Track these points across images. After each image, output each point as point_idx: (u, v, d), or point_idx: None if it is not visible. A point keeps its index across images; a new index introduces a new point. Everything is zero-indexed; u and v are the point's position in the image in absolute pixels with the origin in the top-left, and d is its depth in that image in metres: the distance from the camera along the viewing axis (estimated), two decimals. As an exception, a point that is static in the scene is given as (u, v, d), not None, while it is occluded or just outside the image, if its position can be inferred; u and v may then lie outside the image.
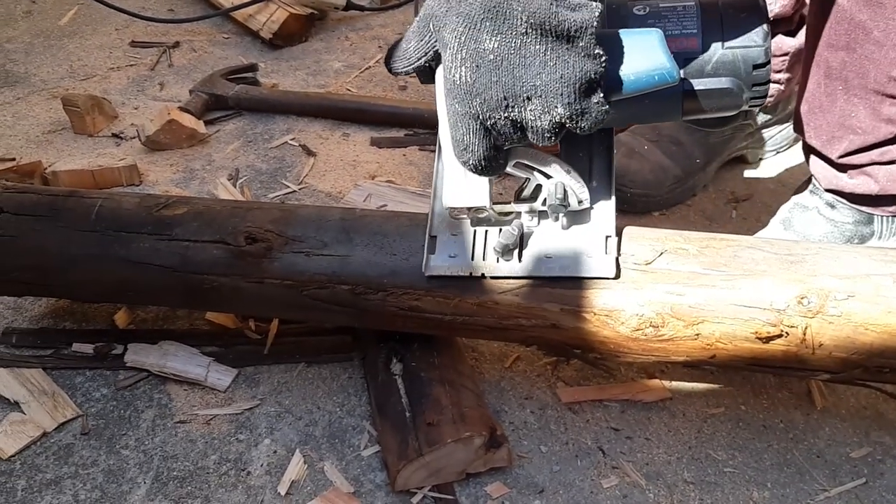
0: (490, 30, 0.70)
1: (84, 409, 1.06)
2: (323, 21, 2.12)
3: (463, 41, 0.70)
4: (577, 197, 0.87)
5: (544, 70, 0.70)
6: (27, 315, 1.20)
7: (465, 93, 0.72)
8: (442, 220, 0.93)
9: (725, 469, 0.98)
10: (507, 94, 0.71)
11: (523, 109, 0.72)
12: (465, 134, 0.75)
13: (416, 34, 0.77)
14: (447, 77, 0.73)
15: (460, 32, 0.70)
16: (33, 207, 1.04)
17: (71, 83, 1.86)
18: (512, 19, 0.69)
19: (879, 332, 0.84)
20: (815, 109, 1.14)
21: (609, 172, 0.91)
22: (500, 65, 0.70)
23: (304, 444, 1.01)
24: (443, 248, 0.91)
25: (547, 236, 0.90)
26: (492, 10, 0.69)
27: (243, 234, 0.97)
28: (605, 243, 0.88)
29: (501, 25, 0.69)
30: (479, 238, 0.91)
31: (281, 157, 1.58)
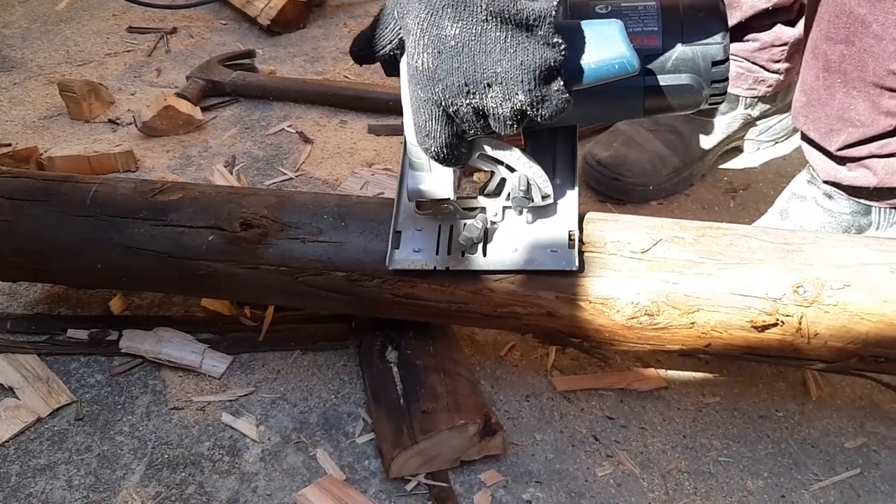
0: (451, 16, 0.70)
1: (78, 395, 1.06)
2: (321, 8, 2.11)
3: (425, 28, 0.70)
4: (541, 191, 0.87)
5: (504, 57, 0.70)
6: (22, 301, 1.20)
7: (427, 79, 0.72)
8: (407, 216, 0.93)
9: (720, 458, 0.98)
10: (468, 81, 0.71)
11: (484, 96, 0.72)
12: (428, 121, 0.75)
13: (381, 23, 0.77)
14: (410, 63, 0.73)
15: (422, 19, 0.70)
16: (28, 192, 1.04)
17: (67, 69, 1.85)
18: (472, 6, 0.69)
19: (875, 321, 0.84)
20: (813, 102, 1.14)
21: (573, 169, 0.92)
22: (460, 51, 0.71)
23: (299, 431, 1.01)
24: (407, 242, 0.92)
25: (511, 231, 0.91)
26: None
27: (239, 219, 0.97)
28: (569, 237, 0.89)
29: (462, 12, 0.69)
30: (444, 233, 0.91)
31: (278, 144, 1.57)
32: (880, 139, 1.09)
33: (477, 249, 0.90)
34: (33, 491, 0.94)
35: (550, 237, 0.89)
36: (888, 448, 0.98)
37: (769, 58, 1.37)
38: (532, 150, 0.87)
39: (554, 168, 0.92)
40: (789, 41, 1.35)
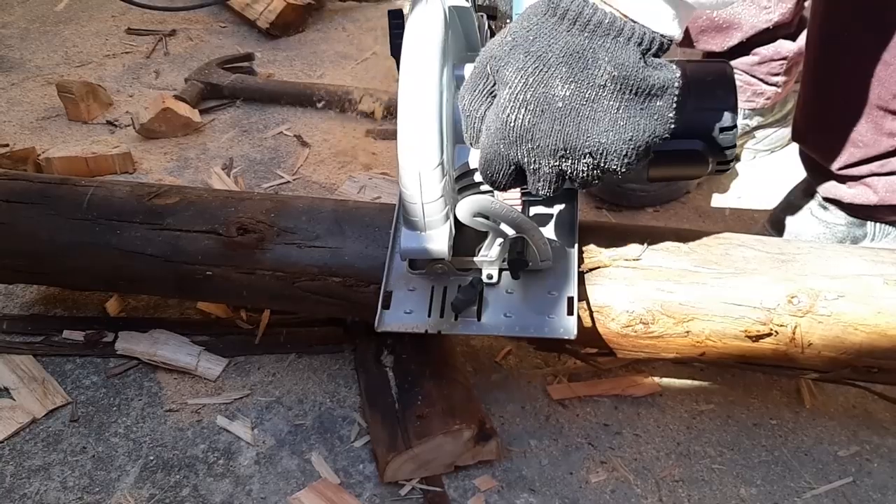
0: (565, 76, 0.64)
1: (74, 397, 1.06)
2: (320, 11, 2.11)
3: (530, 83, 0.64)
4: (539, 254, 0.84)
5: (613, 128, 0.65)
6: (18, 301, 1.20)
7: (517, 136, 0.66)
8: (398, 275, 0.89)
9: (714, 465, 0.98)
10: (566, 146, 0.66)
11: (577, 162, 0.67)
12: (497, 172, 0.70)
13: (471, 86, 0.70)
14: (499, 116, 0.66)
15: (528, 73, 0.64)
16: (25, 195, 1.04)
17: (66, 70, 1.85)
18: (594, 69, 0.63)
19: (869, 332, 0.85)
20: (816, 122, 1.14)
21: (572, 229, 0.89)
22: (567, 114, 0.65)
23: (294, 435, 1.01)
24: (398, 303, 0.86)
25: (507, 293, 0.87)
26: (572, 55, 0.64)
27: (235, 224, 0.97)
28: (568, 303, 0.84)
29: (580, 73, 0.64)
30: (437, 293, 0.87)
31: (275, 148, 1.58)
32: (882, 158, 1.10)
33: (471, 312, 0.85)
34: (28, 492, 0.94)
35: (548, 302, 0.85)
36: (881, 457, 0.99)
37: (768, 71, 1.37)
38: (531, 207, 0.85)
39: (553, 227, 0.90)
40: (789, 55, 1.36)
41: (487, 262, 0.86)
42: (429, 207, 0.76)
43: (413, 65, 0.70)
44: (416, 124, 0.70)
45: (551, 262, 0.86)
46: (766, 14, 1.30)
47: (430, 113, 0.69)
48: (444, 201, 0.76)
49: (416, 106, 0.70)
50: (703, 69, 0.83)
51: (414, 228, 0.79)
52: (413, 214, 0.77)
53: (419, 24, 0.70)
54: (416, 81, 0.70)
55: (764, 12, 1.30)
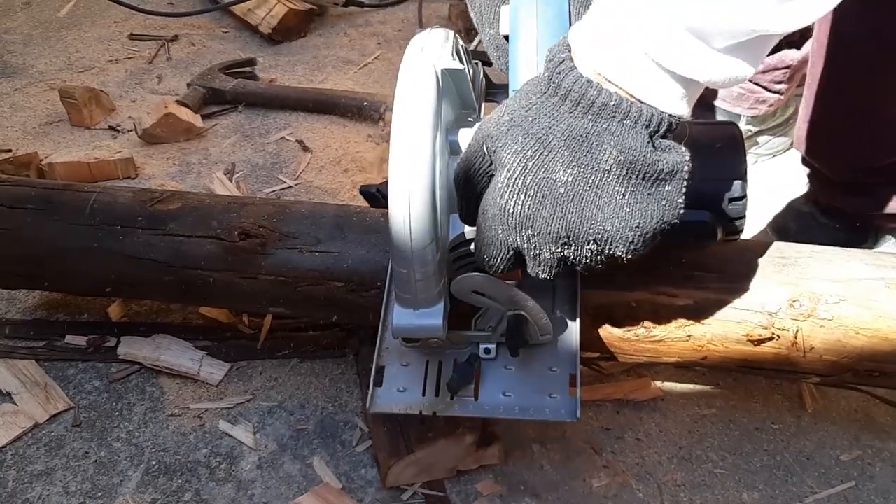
0: (567, 160, 0.59)
1: (76, 401, 1.06)
2: (322, 17, 2.12)
3: (529, 166, 0.60)
4: (538, 330, 0.79)
5: (618, 214, 0.60)
6: (21, 306, 1.20)
7: (516, 223, 0.62)
8: (391, 349, 0.84)
9: (716, 470, 0.98)
10: (569, 234, 0.61)
11: (580, 249, 0.62)
12: (495, 257, 0.65)
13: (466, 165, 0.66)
14: (497, 202, 0.62)
15: (528, 157, 0.60)
16: (28, 200, 1.04)
17: (69, 75, 1.86)
18: (598, 153, 0.59)
19: (870, 336, 0.85)
20: (821, 132, 1.14)
21: (574, 303, 0.84)
22: (569, 200, 0.60)
23: (296, 440, 1.01)
24: (391, 380, 0.82)
25: (505, 371, 0.82)
26: (575, 138, 0.59)
27: (237, 229, 0.97)
28: (569, 382, 0.80)
29: (583, 158, 0.59)
30: (432, 369, 0.82)
31: (277, 153, 1.58)
32: (886, 170, 1.10)
33: (468, 391, 0.80)
34: (30, 497, 0.95)
35: (549, 379, 0.80)
36: (882, 461, 0.99)
37: (772, 79, 1.38)
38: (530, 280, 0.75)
39: (553, 300, 0.84)
40: (793, 63, 1.36)
41: (485, 335, 0.81)
42: (422, 284, 0.70)
43: (403, 138, 0.65)
44: (408, 200, 0.65)
45: (552, 337, 0.80)
46: None
47: (422, 188, 0.65)
48: (439, 277, 0.71)
49: (408, 182, 0.65)
50: (710, 134, 0.79)
51: (407, 305, 0.73)
52: (406, 291, 0.71)
53: (409, 93, 0.65)
54: (407, 156, 0.65)
55: None
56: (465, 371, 0.80)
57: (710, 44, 0.54)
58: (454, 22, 2.03)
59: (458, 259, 0.77)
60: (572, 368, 0.80)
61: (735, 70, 0.56)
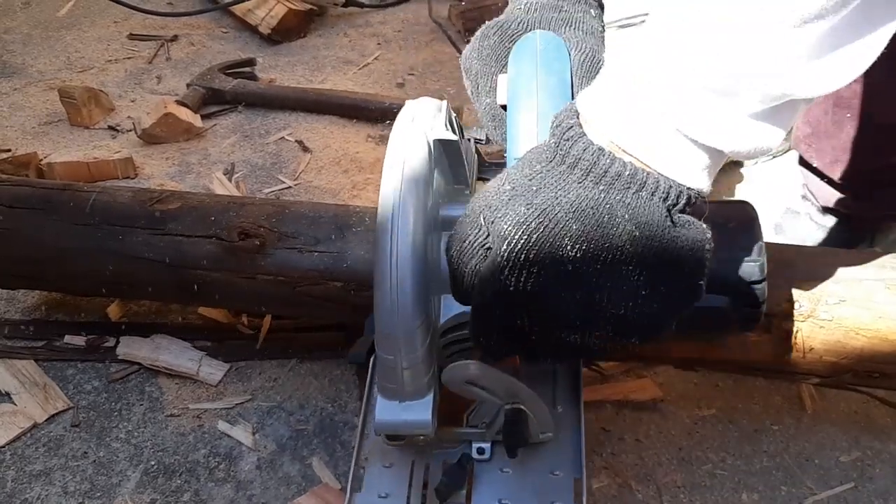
0: (576, 235, 0.51)
1: (75, 401, 1.06)
2: (322, 17, 2.12)
3: (533, 240, 0.52)
4: (538, 427, 0.70)
5: (633, 299, 0.53)
6: (20, 306, 1.20)
7: (517, 302, 0.54)
8: (373, 447, 0.75)
9: (715, 471, 0.98)
10: (577, 318, 0.54)
11: (590, 335, 0.55)
12: (492, 342, 0.58)
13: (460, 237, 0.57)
14: (496, 278, 0.53)
15: (532, 229, 0.52)
16: (28, 200, 1.04)
17: (68, 75, 1.86)
18: (611, 227, 0.51)
19: (870, 336, 0.85)
20: (820, 134, 1.14)
21: (577, 397, 0.76)
22: (578, 281, 0.52)
23: (295, 440, 1.01)
24: (372, 483, 0.72)
25: (501, 474, 0.72)
26: (585, 210, 0.52)
27: (237, 229, 0.97)
28: (574, 487, 0.71)
29: (593, 232, 0.51)
30: (418, 471, 0.72)
31: (277, 153, 1.58)
32: (885, 171, 1.10)
33: (459, 497, 0.70)
34: (29, 497, 0.94)
35: (551, 484, 0.71)
36: (882, 462, 0.99)
37: None
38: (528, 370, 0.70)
39: (554, 392, 0.76)
40: None
41: (478, 432, 0.72)
42: (409, 373, 0.62)
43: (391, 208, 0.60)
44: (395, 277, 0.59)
45: (553, 434, 0.71)
46: None
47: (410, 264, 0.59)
48: (428, 365, 0.63)
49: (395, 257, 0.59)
50: (723, 212, 0.70)
51: (392, 397, 0.64)
52: (391, 380, 0.63)
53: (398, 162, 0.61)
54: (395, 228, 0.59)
55: None
56: (456, 474, 0.70)
57: (737, 109, 0.49)
58: (454, 22, 2.03)
59: (450, 345, 0.69)
60: (577, 472, 0.71)
61: (763, 139, 0.51)
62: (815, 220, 1.21)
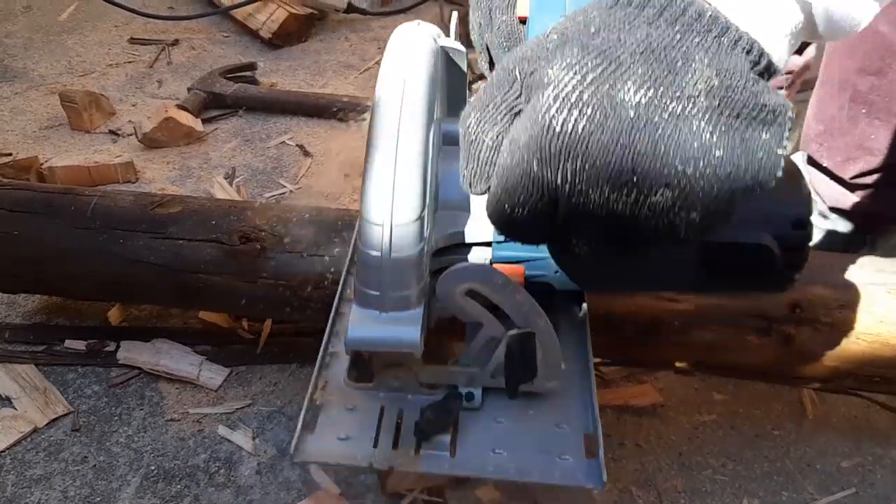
0: (641, 77, 0.43)
1: (75, 406, 1.06)
2: (323, 22, 2.12)
3: (588, 80, 0.43)
4: (546, 368, 0.58)
5: (703, 156, 0.43)
6: (20, 311, 1.20)
7: (562, 147, 0.43)
8: (333, 386, 0.62)
9: (716, 476, 0.98)
10: (635, 172, 0.43)
11: (646, 200, 0.44)
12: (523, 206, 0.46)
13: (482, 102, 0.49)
14: (538, 120, 0.43)
15: (587, 69, 0.43)
16: (29, 204, 1.04)
17: (69, 79, 1.86)
18: (686, 73, 0.44)
19: (871, 341, 0.85)
20: (833, 131, 1.14)
21: (582, 336, 0.65)
22: (641, 128, 0.43)
23: (295, 445, 1.01)
24: (329, 424, 0.59)
25: (494, 424, 0.60)
26: (655, 51, 0.44)
27: (237, 233, 0.97)
28: (585, 441, 0.59)
29: (664, 77, 0.44)
30: (389, 414, 0.60)
31: (278, 157, 1.58)
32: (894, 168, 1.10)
33: (442, 444, 0.58)
34: (29, 501, 0.94)
35: (556, 437, 0.59)
36: (883, 467, 0.99)
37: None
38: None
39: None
40: (794, 69, 1.37)
41: (469, 374, 0.59)
42: (396, 275, 0.52)
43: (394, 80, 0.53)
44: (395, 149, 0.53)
45: (559, 383, 0.60)
46: None
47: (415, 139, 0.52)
48: (420, 272, 0.54)
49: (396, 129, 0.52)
50: None
51: (371, 306, 0.53)
52: (372, 284, 0.53)
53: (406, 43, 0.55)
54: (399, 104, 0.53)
55: None
56: (441, 412, 0.58)
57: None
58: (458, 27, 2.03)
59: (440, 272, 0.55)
60: (589, 426, 0.60)
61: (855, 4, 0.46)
62: (817, 224, 1.21)
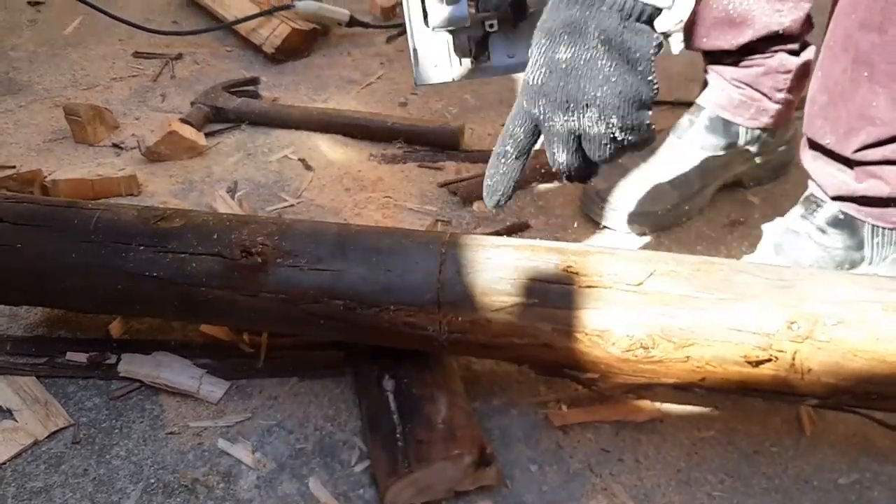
0: (567, 42, 0.79)
1: (76, 419, 1.06)
2: (325, 37, 2.13)
3: (543, 50, 0.80)
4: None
5: (606, 84, 0.78)
6: (22, 323, 1.21)
7: (534, 93, 0.82)
8: (421, 34, 1.06)
9: (714, 493, 0.98)
10: (569, 99, 0.79)
11: (581, 116, 0.80)
12: (518, 128, 0.85)
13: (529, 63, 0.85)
14: (524, 79, 0.83)
15: (542, 44, 0.80)
16: (33, 217, 1.05)
17: (73, 92, 1.87)
18: (585, 35, 0.78)
19: (868, 358, 0.85)
20: (836, 99, 1.13)
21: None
22: (569, 73, 0.79)
23: (295, 459, 1.01)
24: (425, 59, 1.07)
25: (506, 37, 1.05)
26: (570, 24, 0.78)
27: (239, 247, 0.98)
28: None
29: (577, 39, 0.78)
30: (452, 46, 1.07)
31: (280, 171, 1.59)
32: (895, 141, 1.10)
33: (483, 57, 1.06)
34: (28, 514, 0.95)
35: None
36: (881, 485, 0.99)
37: (773, 85, 1.38)
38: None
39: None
40: (793, 69, 1.36)
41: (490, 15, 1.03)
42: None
43: None
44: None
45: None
46: (779, 16, 1.31)
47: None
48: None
49: None
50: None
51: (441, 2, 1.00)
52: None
53: None
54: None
55: (777, 14, 1.31)
56: (484, 40, 1.05)
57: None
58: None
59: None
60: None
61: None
62: (813, 238, 1.22)
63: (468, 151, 1.65)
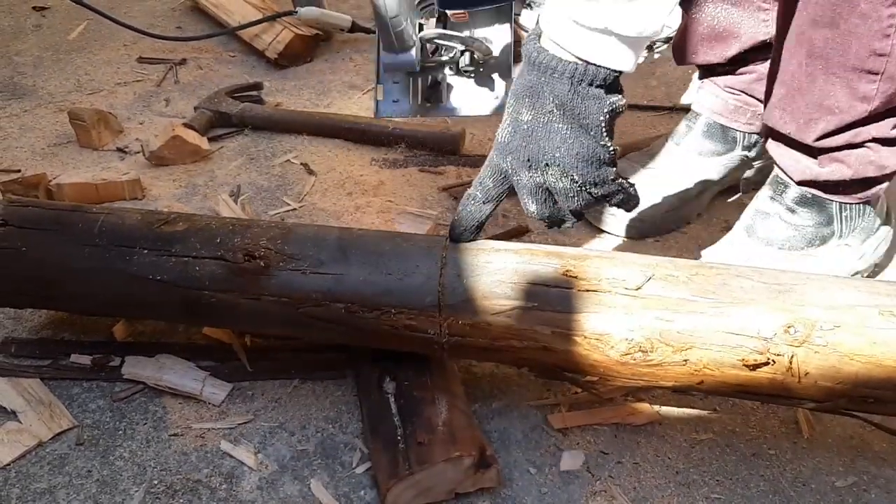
0: (528, 105, 0.86)
1: (80, 420, 1.07)
2: (328, 42, 2.14)
3: (510, 111, 0.89)
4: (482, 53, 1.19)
5: (563, 145, 0.85)
6: (27, 325, 1.22)
7: (502, 149, 0.90)
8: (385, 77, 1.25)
9: (713, 495, 0.99)
10: (531, 158, 0.87)
11: (545, 173, 0.88)
12: (488, 178, 0.94)
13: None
14: (496, 134, 0.91)
15: (510, 105, 0.89)
16: (38, 221, 1.06)
17: (78, 97, 1.89)
18: (543, 100, 0.85)
19: (864, 362, 0.86)
20: (793, 92, 1.14)
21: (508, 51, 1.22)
22: (530, 134, 0.86)
23: (296, 460, 1.02)
24: (388, 93, 1.25)
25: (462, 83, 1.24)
26: (530, 88, 0.86)
27: (242, 250, 0.99)
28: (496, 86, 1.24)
29: (536, 102, 0.85)
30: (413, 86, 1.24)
31: (282, 175, 1.60)
32: (855, 127, 1.11)
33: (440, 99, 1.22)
34: (33, 515, 0.96)
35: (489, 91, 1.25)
36: (878, 487, 0.99)
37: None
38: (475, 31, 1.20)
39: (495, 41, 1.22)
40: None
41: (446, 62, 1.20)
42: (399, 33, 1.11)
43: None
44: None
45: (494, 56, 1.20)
46: (765, 26, 1.32)
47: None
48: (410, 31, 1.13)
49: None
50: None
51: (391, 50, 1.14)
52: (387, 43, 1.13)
53: None
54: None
55: (763, 24, 1.32)
56: (436, 85, 1.22)
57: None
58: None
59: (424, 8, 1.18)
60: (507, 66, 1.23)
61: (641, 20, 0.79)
62: (783, 219, 1.23)
63: (469, 156, 1.67)
